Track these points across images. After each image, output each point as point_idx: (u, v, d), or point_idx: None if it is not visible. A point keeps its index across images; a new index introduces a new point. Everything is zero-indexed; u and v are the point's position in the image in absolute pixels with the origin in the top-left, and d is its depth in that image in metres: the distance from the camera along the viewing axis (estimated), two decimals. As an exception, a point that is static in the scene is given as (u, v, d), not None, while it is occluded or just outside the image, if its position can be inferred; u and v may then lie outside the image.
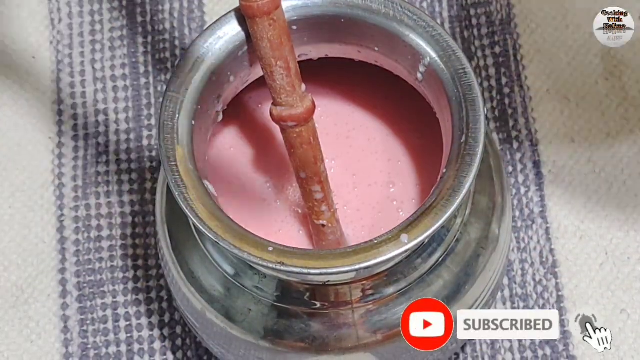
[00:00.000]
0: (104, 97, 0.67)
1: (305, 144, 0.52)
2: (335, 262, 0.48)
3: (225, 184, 0.56)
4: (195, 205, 0.49)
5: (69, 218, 0.64)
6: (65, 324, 0.62)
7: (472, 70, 0.51)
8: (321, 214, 0.54)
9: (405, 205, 0.56)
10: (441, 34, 0.51)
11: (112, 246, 0.64)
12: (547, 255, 0.63)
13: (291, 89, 0.51)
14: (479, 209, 0.54)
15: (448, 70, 0.51)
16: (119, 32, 0.68)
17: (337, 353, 0.53)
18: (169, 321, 0.62)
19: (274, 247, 0.48)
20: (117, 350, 0.62)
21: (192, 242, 0.54)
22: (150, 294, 0.63)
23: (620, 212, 0.63)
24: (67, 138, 0.66)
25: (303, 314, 0.52)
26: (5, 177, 0.65)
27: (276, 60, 0.50)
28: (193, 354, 0.61)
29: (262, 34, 0.49)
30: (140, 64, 0.68)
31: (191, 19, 0.69)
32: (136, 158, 0.65)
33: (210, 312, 0.54)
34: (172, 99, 0.51)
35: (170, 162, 0.50)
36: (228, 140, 0.57)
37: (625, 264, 0.62)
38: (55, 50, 0.68)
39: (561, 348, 0.61)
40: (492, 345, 0.61)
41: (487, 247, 0.54)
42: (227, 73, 0.52)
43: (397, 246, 0.48)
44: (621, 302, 0.62)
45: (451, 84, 0.51)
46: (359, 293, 0.52)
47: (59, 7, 0.69)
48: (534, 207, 0.63)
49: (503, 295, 0.62)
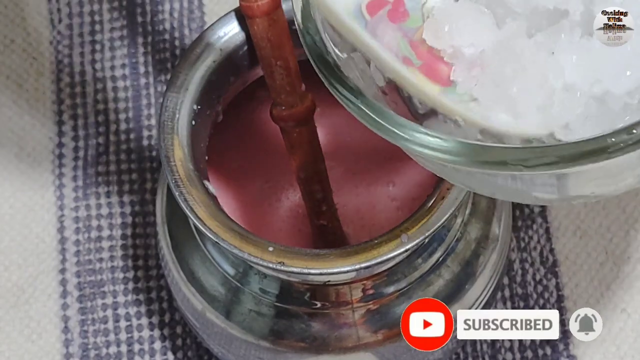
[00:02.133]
0: (104, 97, 0.67)
1: (305, 144, 0.52)
2: (335, 262, 0.48)
3: (226, 184, 0.56)
4: (195, 205, 0.49)
5: (69, 218, 0.64)
6: (66, 324, 0.62)
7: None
8: (321, 213, 0.54)
9: (405, 205, 0.56)
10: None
11: (113, 246, 0.64)
12: (547, 255, 0.63)
13: (291, 88, 0.51)
14: (479, 208, 0.54)
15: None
16: (119, 32, 0.68)
17: (337, 353, 0.53)
18: (169, 321, 0.62)
19: (274, 247, 0.48)
20: (118, 350, 0.62)
21: (193, 242, 0.54)
22: (151, 294, 0.63)
23: (621, 212, 0.63)
24: (67, 138, 0.66)
25: (303, 313, 0.52)
26: (5, 177, 0.65)
27: (276, 60, 0.50)
28: (193, 354, 0.62)
29: (262, 34, 0.49)
30: (140, 64, 0.68)
31: (191, 19, 0.69)
32: (136, 158, 0.65)
33: (211, 312, 0.54)
34: (172, 99, 0.51)
35: (170, 162, 0.50)
36: (228, 140, 0.57)
37: (626, 263, 0.63)
38: (55, 50, 0.68)
39: (561, 348, 0.61)
40: (492, 345, 0.61)
41: (487, 246, 0.54)
42: (227, 73, 0.52)
43: (397, 246, 0.48)
44: (621, 302, 0.62)
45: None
46: (359, 293, 0.52)
47: (59, 7, 0.69)
48: (534, 207, 0.63)
49: (503, 294, 0.62)
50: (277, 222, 0.56)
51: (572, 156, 0.39)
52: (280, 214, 0.56)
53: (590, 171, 0.41)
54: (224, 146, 0.57)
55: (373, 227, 0.55)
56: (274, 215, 0.56)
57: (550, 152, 0.40)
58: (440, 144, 0.41)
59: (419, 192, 0.56)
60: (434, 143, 0.41)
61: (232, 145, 0.57)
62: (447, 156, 0.41)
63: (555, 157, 0.40)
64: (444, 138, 0.41)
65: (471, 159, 0.40)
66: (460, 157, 0.40)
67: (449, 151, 0.40)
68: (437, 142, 0.41)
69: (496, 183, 0.43)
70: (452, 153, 0.40)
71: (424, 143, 0.41)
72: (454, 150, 0.40)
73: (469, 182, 0.44)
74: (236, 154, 0.57)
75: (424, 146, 0.41)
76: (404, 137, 0.41)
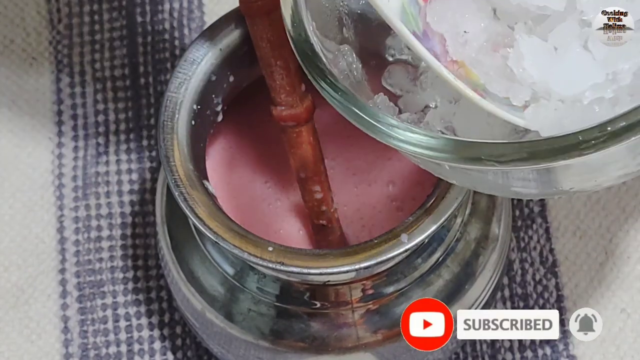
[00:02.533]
0: (104, 97, 0.67)
1: (305, 144, 0.52)
2: (335, 262, 0.48)
3: (225, 184, 0.56)
4: (195, 205, 0.49)
5: (68, 218, 0.64)
6: (65, 324, 0.62)
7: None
8: (321, 213, 0.54)
9: (405, 205, 0.56)
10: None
11: (112, 246, 0.64)
12: (547, 255, 0.63)
13: (291, 88, 0.51)
14: (478, 208, 0.54)
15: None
16: (118, 32, 0.68)
17: (337, 353, 0.53)
18: (169, 321, 0.62)
19: (274, 247, 0.48)
20: (117, 350, 0.62)
21: (192, 242, 0.54)
22: (150, 294, 0.63)
23: (620, 211, 0.63)
24: (67, 138, 0.66)
25: (303, 313, 0.52)
26: (5, 177, 0.65)
27: (276, 60, 0.50)
28: (193, 353, 0.61)
29: (262, 34, 0.49)
30: (140, 64, 0.68)
31: (191, 19, 0.69)
32: (136, 158, 0.65)
33: (210, 312, 0.54)
34: (172, 99, 0.51)
35: (170, 162, 0.50)
36: (228, 140, 0.57)
37: (625, 263, 0.62)
38: (55, 50, 0.68)
39: (561, 348, 0.61)
40: (492, 345, 0.61)
41: (487, 246, 0.54)
42: (227, 73, 0.52)
43: (397, 246, 0.48)
44: (621, 302, 0.62)
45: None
46: (359, 293, 0.52)
47: (59, 7, 0.69)
48: (534, 207, 0.63)
49: (503, 294, 0.62)
50: (277, 222, 0.56)
51: (544, 152, 0.40)
52: (280, 214, 0.56)
53: (569, 167, 0.42)
54: (224, 146, 0.57)
55: (373, 227, 0.55)
56: (274, 215, 0.56)
57: (524, 148, 0.41)
58: (420, 140, 0.42)
59: (419, 192, 0.56)
60: (415, 139, 0.43)
61: (232, 145, 0.57)
62: (427, 152, 0.42)
63: (527, 153, 0.40)
64: (424, 134, 0.42)
65: (449, 155, 0.42)
66: (438, 153, 0.42)
67: (428, 147, 0.42)
68: (417, 138, 0.43)
69: (476, 177, 0.45)
70: (431, 149, 0.42)
71: (405, 139, 0.43)
72: (434, 147, 0.42)
73: (451, 176, 0.46)
74: (236, 153, 0.57)
75: (405, 142, 0.43)
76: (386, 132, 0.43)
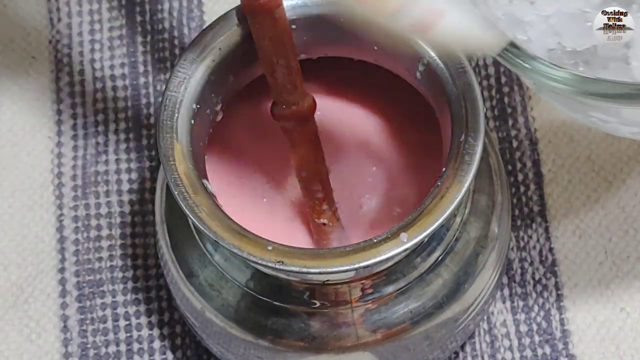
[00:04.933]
0: (104, 97, 0.67)
1: (306, 143, 0.52)
2: (334, 261, 0.48)
3: (225, 183, 0.56)
4: (194, 205, 0.49)
5: (68, 218, 0.64)
6: (65, 323, 0.62)
7: (471, 69, 0.51)
8: (322, 212, 0.54)
9: (404, 204, 0.56)
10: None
11: (112, 246, 0.64)
12: (546, 254, 0.63)
13: (292, 87, 0.51)
14: (478, 207, 0.54)
15: (447, 69, 0.51)
16: (118, 32, 0.68)
17: (336, 352, 0.53)
18: (169, 320, 0.62)
19: (274, 247, 0.48)
20: (117, 349, 0.62)
21: (192, 242, 0.54)
22: (150, 294, 0.63)
23: (620, 211, 0.63)
24: (67, 138, 0.66)
25: (302, 313, 0.52)
26: (5, 177, 0.65)
27: (277, 59, 0.50)
28: (192, 353, 0.61)
29: (263, 32, 0.49)
30: (140, 64, 0.68)
31: (190, 18, 0.69)
32: (136, 158, 0.65)
33: (210, 311, 0.54)
34: (172, 98, 0.51)
35: (169, 162, 0.50)
36: (228, 140, 0.57)
37: (625, 263, 0.62)
38: (55, 50, 0.68)
39: (561, 347, 0.61)
40: (491, 344, 0.61)
41: (486, 245, 0.54)
42: (227, 72, 0.52)
43: (397, 245, 0.48)
44: (620, 301, 0.62)
45: (450, 82, 0.51)
46: (359, 292, 0.52)
47: (58, 7, 0.69)
48: (534, 206, 0.64)
49: (502, 294, 0.62)
50: (277, 222, 0.56)
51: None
52: (280, 213, 0.56)
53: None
54: (224, 146, 0.57)
55: (373, 226, 0.55)
56: (274, 215, 0.56)
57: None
58: (555, 74, 0.49)
59: (418, 191, 0.56)
60: (551, 73, 0.49)
61: (231, 144, 0.57)
62: (560, 85, 0.48)
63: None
64: (558, 69, 0.49)
65: (577, 89, 0.48)
66: (568, 87, 0.48)
67: (560, 81, 0.48)
68: (553, 72, 0.49)
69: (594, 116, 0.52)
70: (562, 82, 0.48)
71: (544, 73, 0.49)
72: (564, 81, 0.48)
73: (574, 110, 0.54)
74: (236, 153, 0.57)
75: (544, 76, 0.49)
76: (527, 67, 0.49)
